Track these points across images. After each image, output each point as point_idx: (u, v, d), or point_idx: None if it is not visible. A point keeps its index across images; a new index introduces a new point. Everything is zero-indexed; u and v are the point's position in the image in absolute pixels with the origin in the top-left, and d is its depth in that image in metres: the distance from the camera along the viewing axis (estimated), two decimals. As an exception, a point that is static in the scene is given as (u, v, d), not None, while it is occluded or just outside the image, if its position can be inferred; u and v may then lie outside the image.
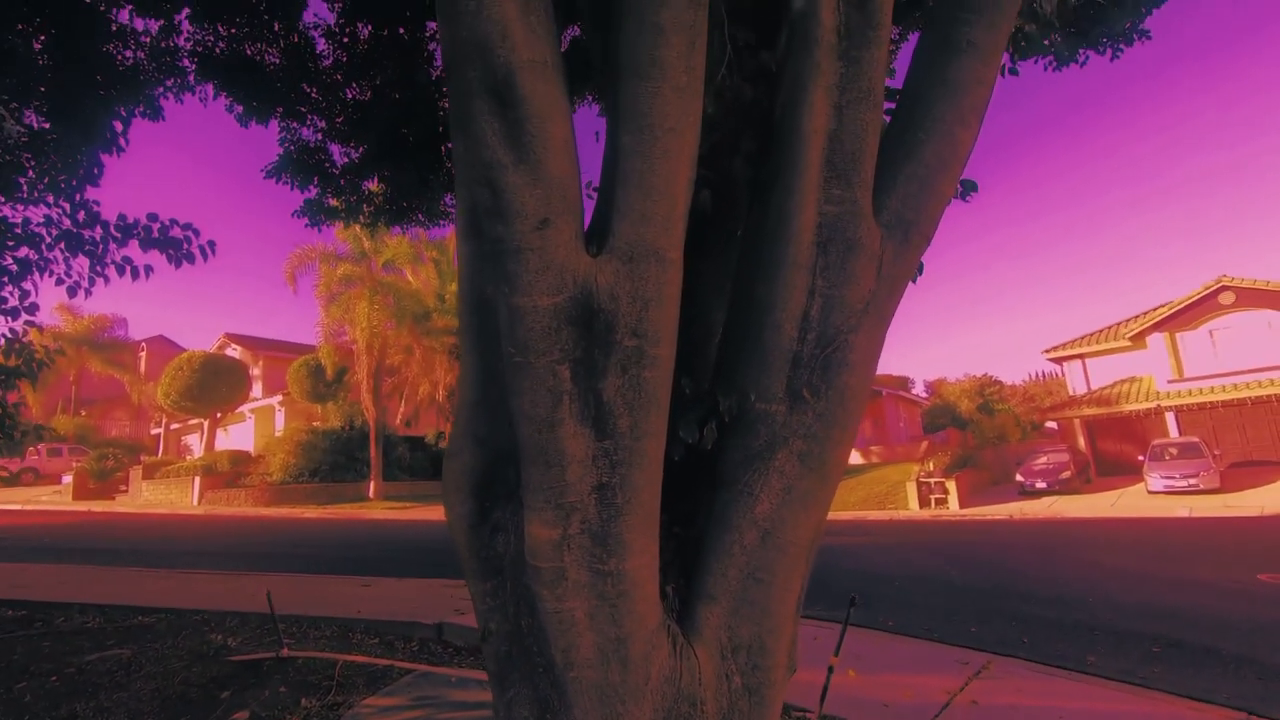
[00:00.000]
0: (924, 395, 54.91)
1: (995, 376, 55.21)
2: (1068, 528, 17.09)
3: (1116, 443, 30.21)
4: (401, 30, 8.26)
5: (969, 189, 2.50)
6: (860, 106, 1.98)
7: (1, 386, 5.60)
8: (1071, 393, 33.52)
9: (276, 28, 8.00)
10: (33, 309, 6.18)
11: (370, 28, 8.22)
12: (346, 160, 9.01)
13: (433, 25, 8.30)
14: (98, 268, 6.10)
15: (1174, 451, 23.66)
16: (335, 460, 29.43)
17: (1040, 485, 24.19)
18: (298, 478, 28.48)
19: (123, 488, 31.88)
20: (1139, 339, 30.68)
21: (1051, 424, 35.67)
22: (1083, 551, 12.81)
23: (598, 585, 1.77)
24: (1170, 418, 28.53)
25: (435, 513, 23.43)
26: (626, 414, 1.72)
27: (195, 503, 28.01)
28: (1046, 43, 2.72)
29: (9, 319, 6.10)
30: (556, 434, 1.71)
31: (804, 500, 1.99)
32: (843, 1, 1.97)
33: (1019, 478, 25.14)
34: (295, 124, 8.73)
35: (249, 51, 7.93)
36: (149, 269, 5.91)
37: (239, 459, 30.51)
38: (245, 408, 36.77)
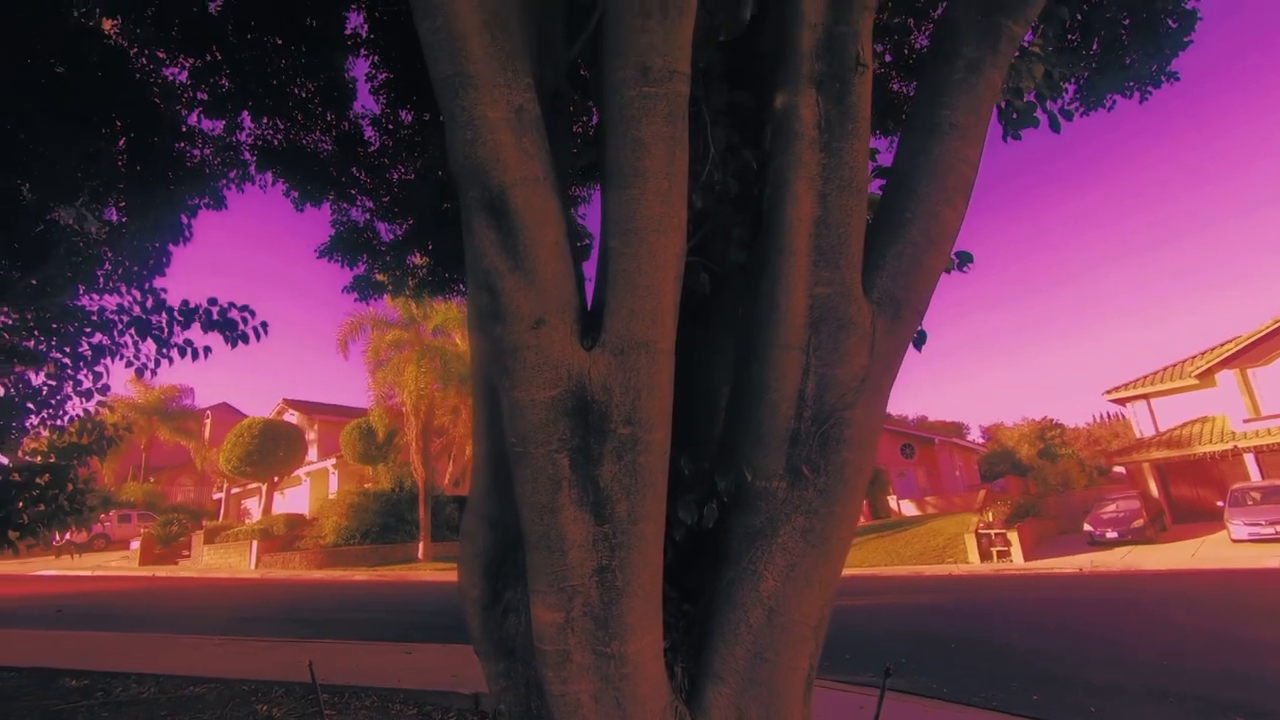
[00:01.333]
0: (980, 441, 53.00)
1: (1055, 419, 52.98)
2: (1144, 581, 16.03)
3: (1191, 487, 28.45)
4: (441, 114, 8.78)
5: (965, 260, 2.54)
6: (843, 194, 2.08)
7: (76, 463, 5.99)
8: (1138, 435, 31.88)
9: (329, 118, 8.62)
10: (104, 390, 6.63)
11: (412, 114, 8.76)
12: (392, 237, 9.51)
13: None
14: (163, 350, 6.54)
15: (1257, 496, 22.13)
16: (385, 521, 29.91)
17: (1111, 535, 22.84)
18: (349, 539, 28.99)
19: (185, 552, 32.92)
20: (1207, 376, 29.18)
21: (1119, 469, 33.86)
22: (1160, 608, 11.99)
23: (601, 668, 1.81)
24: (1250, 459, 26.81)
25: (482, 574, 23.38)
26: (624, 499, 1.79)
27: (253, 566, 28.69)
28: (1040, 114, 2.78)
29: (83, 400, 6.54)
30: (557, 519, 1.79)
31: (808, 578, 2.01)
32: (821, 98, 2.10)
33: (1087, 527, 23.80)
34: (345, 205, 9.28)
35: (304, 141, 8.54)
36: (208, 350, 6.32)
37: (294, 521, 31.29)
38: (301, 471, 37.89)
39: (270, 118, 8.36)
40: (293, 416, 41.71)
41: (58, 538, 6.00)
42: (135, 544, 33.45)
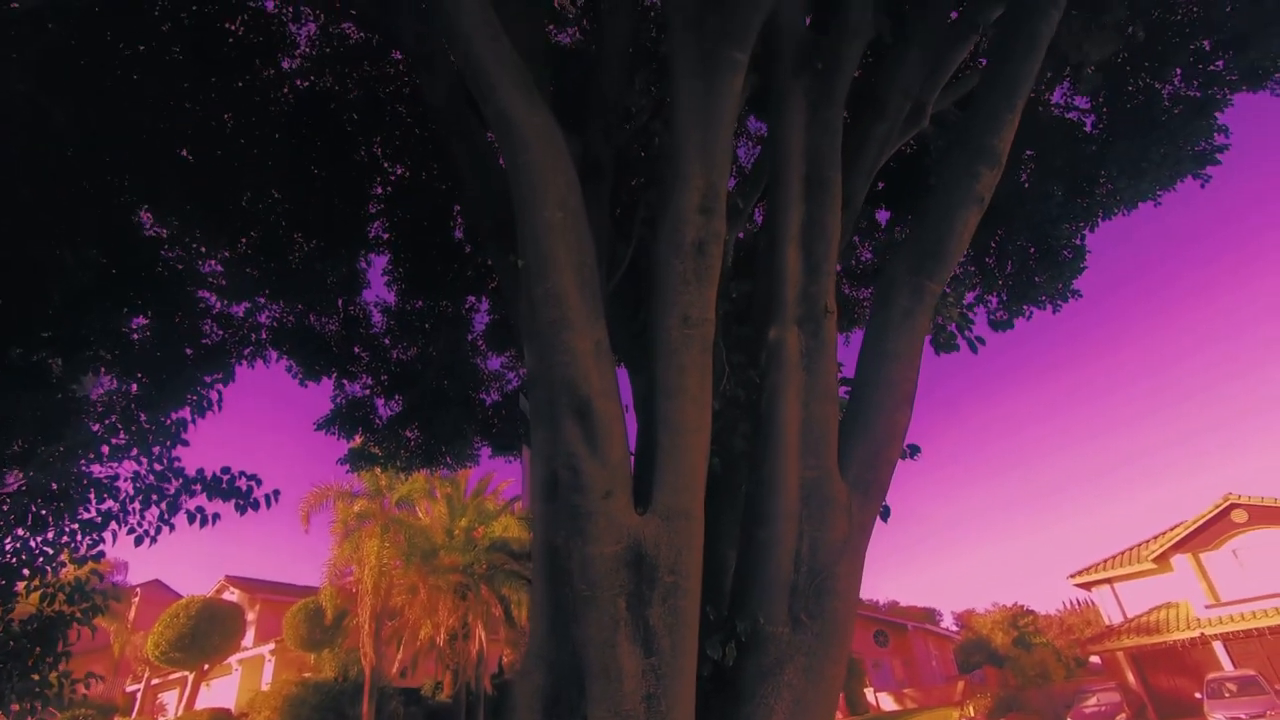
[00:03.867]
0: (954, 629, 51.48)
1: (1026, 606, 52.22)
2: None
3: (1168, 677, 27.85)
4: (447, 304, 9.80)
5: (914, 452, 3.28)
6: (822, 402, 2.84)
7: (65, 634, 5.93)
8: (1108, 621, 31.66)
9: (340, 303, 9.51)
10: (99, 558, 6.72)
11: (421, 303, 9.72)
12: (390, 412, 10.07)
13: (471, 298, 9.90)
14: (167, 517, 6.76)
15: (1233, 688, 21.87)
16: (324, 718, 27.06)
17: (1098, 732, 21.97)
18: (279, 741, 25.98)
19: (84, 759, 28.86)
20: (1163, 561, 29.83)
21: (1095, 658, 33.13)
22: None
23: (649, 786, 2.19)
24: (1219, 647, 26.71)
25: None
26: (668, 635, 2.29)
27: (162, 774, 25.25)
28: (961, 341, 3.68)
29: (77, 567, 6.61)
30: (616, 653, 2.26)
31: (811, 709, 2.46)
32: (802, 333, 2.93)
33: (1072, 724, 22.88)
34: (346, 381, 9.93)
35: (312, 320, 9.33)
36: (216, 516, 6.57)
37: (219, 719, 28.06)
38: (234, 658, 34.59)
39: (287, 301, 9.19)
40: (233, 595, 38.89)
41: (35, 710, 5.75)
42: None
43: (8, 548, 6.52)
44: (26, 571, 6.33)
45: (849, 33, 3.21)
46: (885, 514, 3.12)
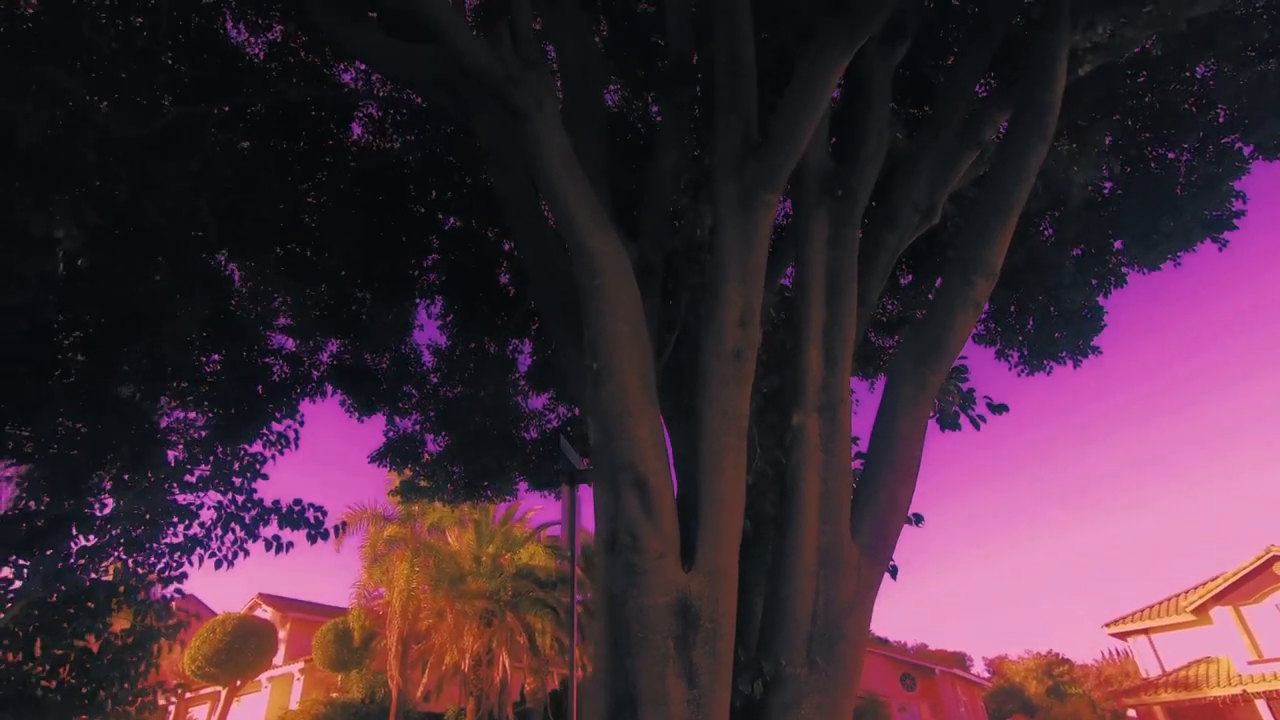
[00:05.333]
0: (985, 675, 50.13)
1: (1061, 654, 50.73)
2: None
3: (1208, 735, 26.95)
4: (492, 346, 10.51)
5: (918, 520, 3.79)
6: (838, 478, 3.40)
7: (155, 648, 6.62)
8: (1144, 674, 30.77)
9: (393, 344, 10.23)
10: (182, 578, 7.44)
11: (471, 345, 10.42)
12: (437, 447, 10.75)
13: (515, 341, 10.59)
14: (244, 541, 7.47)
15: (1274, 748, 21.20)
16: (350, 739, 27.51)
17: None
18: (308, 761, 26.44)
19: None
20: (1202, 613, 29.03)
21: (1131, 711, 32.15)
22: None
23: (690, 795, 2.73)
24: (1262, 705, 25.84)
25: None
26: (707, 672, 2.84)
27: (194, 788, 25.84)
28: (964, 419, 4.19)
29: (163, 586, 7.34)
30: (665, 684, 2.82)
31: (825, 739, 2.97)
32: (821, 419, 3.50)
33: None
34: (398, 418, 10.64)
35: (367, 359, 10.06)
36: (290, 545, 7.27)
37: (248, 737, 28.68)
38: (264, 676, 35.35)
39: (345, 342, 9.96)
40: (265, 612, 39.82)
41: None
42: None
43: (106, 568, 7.28)
44: (123, 589, 7.08)
45: (866, 164, 3.82)
46: (894, 572, 3.64)
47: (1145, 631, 31.43)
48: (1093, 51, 4.33)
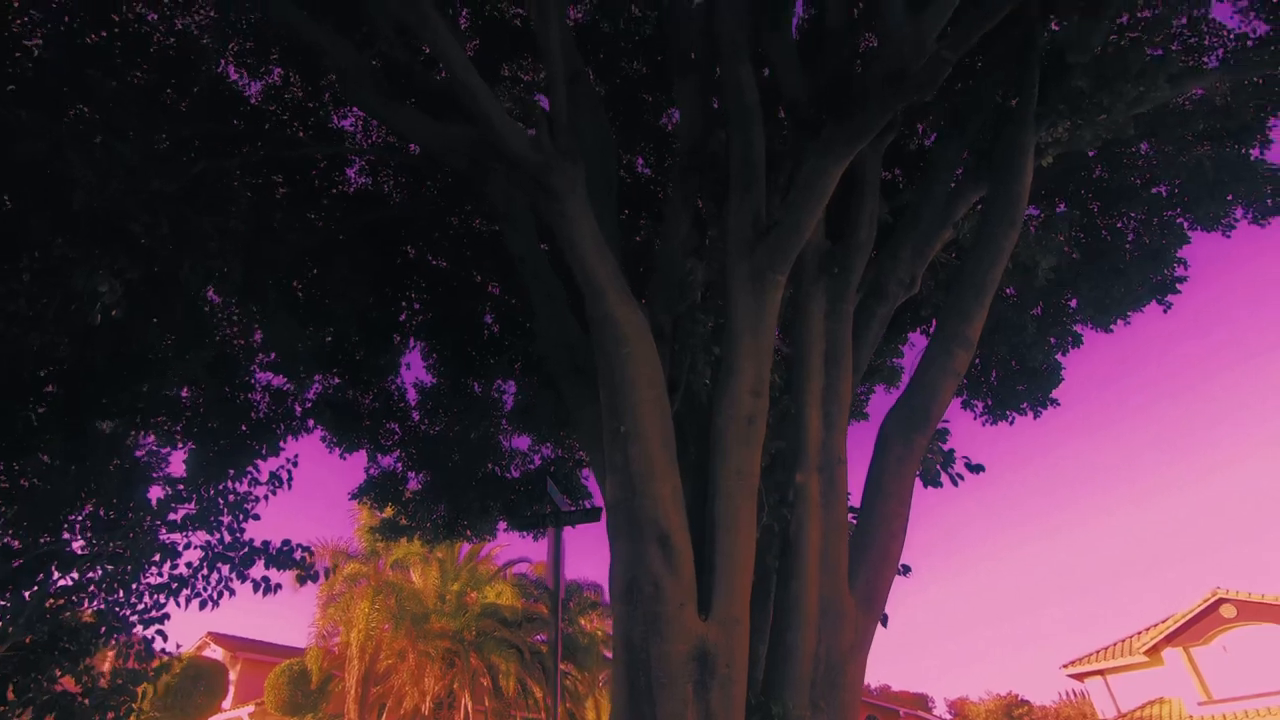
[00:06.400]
0: (947, 717, 50.33)
1: (1021, 695, 51.27)
2: None
3: (1162, 777, 27.48)
4: (477, 385, 10.67)
5: (906, 570, 4.12)
6: (836, 533, 3.72)
7: (138, 691, 6.51)
8: (1101, 715, 31.38)
9: (378, 382, 10.29)
10: (164, 620, 7.36)
11: (455, 384, 10.56)
12: (419, 486, 10.77)
13: (500, 381, 10.77)
14: (229, 581, 7.43)
15: (1225, 790, 21.78)
16: (302, 788, 26.36)
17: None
18: (255, 811, 25.20)
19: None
20: (1154, 654, 29.85)
21: (1089, 754, 32.65)
22: None
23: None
24: (1211, 747, 26.53)
25: None
26: (723, 714, 3.09)
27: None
28: (945, 476, 4.57)
29: (143, 628, 7.25)
30: (684, 727, 3.05)
31: (827, 777, 3.23)
32: (821, 479, 3.83)
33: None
34: (380, 455, 10.67)
35: (351, 396, 10.11)
36: (278, 586, 7.26)
37: (191, 786, 27.26)
38: (212, 720, 33.72)
39: (330, 379, 10.01)
40: (215, 652, 38.15)
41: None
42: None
43: (86, 608, 7.17)
44: (104, 630, 6.97)
45: (859, 247, 4.25)
46: (884, 621, 3.95)
47: (1101, 672, 32.13)
48: (1054, 145, 4.88)
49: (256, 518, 7.86)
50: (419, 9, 3.20)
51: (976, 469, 4.53)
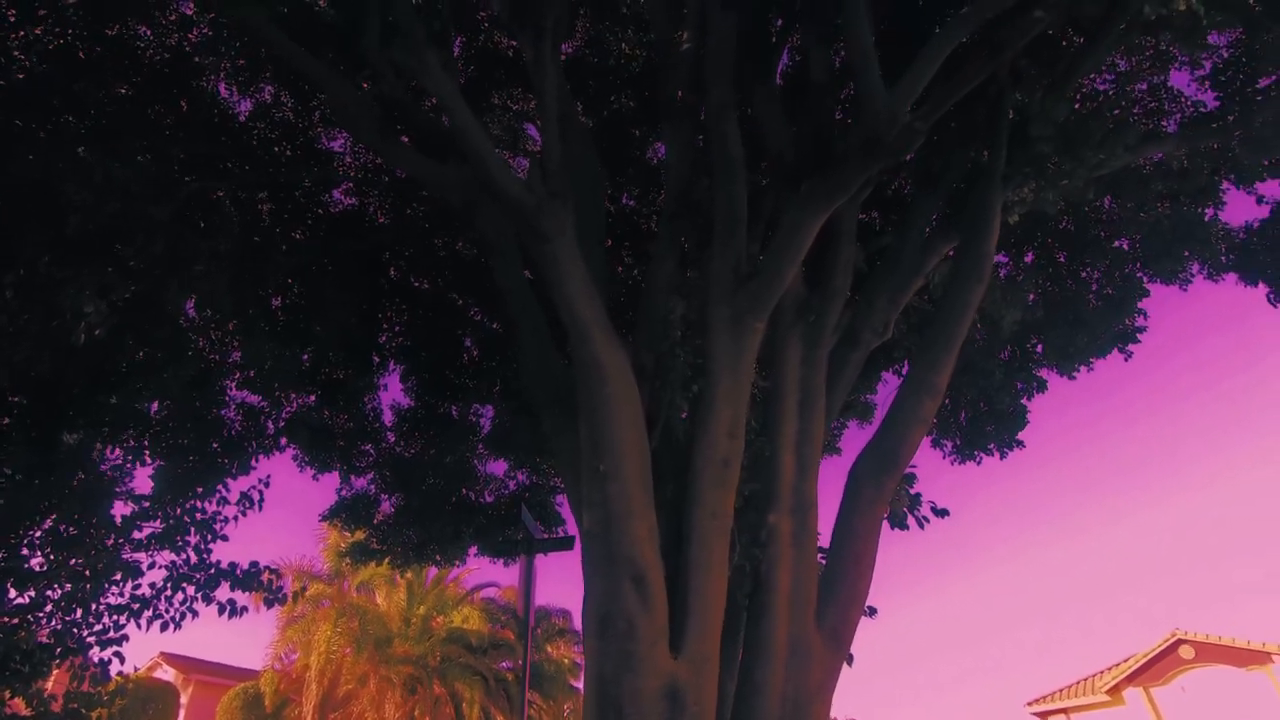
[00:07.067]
0: (913, 753, 50.13)
1: (986, 733, 51.30)
2: None
3: (1124, 819, 27.62)
4: (454, 408, 10.64)
5: (873, 612, 4.24)
6: (806, 573, 3.83)
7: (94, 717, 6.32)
8: (1063, 755, 31.56)
9: (354, 403, 10.21)
10: (122, 641, 7.18)
11: (432, 407, 10.52)
12: (392, 509, 10.65)
13: (476, 405, 10.76)
14: (193, 601, 7.28)
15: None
16: (252, 819, 25.35)
17: None
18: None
19: None
20: (1115, 693, 30.18)
21: (1052, 794, 32.72)
22: None
23: None
24: (1170, 788, 26.79)
25: None
26: (692, 751, 3.15)
27: None
28: (911, 519, 4.72)
29: (100, 649, 7.07)
30: (655, 762, 3.11)
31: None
32: (792, 520, 3.95)
33: None
34: (354, 476, 10.55)
35: (326, 416, 10.01)
36: (244, 609, 7.13)
37: (135, 814, 26.11)
38: (157, 746, 32.40)
39: (306, 399, 9.91)
40: (166, 673, 36.81)
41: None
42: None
43: (43, 627, 6.97)
44: (59, 650, 6.78)
45: (834, 296, 4.43)
46: (850, 660, 4.05)
47: (1065, 711, 32.35)
48: (1020, 204, 5.14)
49: (225, 538, 7.73)
50: (420, 56, 3.33)
51: (941, 513, 4.69)
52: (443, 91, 3.38)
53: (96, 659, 7.12)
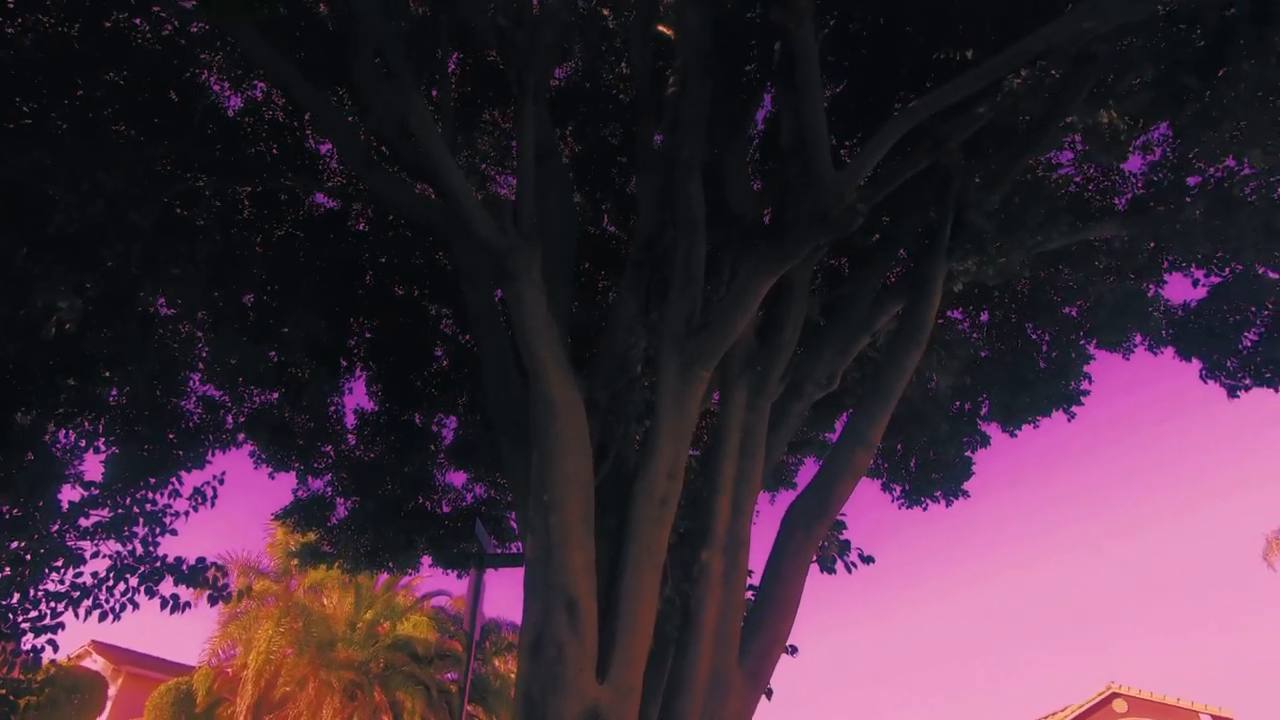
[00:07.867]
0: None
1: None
2: None
3: None
4: (418, 416, 10.71)
5: (794, 651, 4.49)
6: (733, 611, 4.07)
7: (24, 705, 6.25)
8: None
9: (318, 405, 10.22)
10: (57, 629, 7.12)
11: (396, 413, 10.56)
12: (346, 513, 10.64)
13: (440, 415, 10.83)
14: (135, 595, 7.24)
15: None
16: (173, 821, 24.50)
17: None
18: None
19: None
20: (1049, 745, 30.79)
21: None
22: None
23: None
24: (1098, 839, 27.30)
25: None
26: (611, 778, 3.35)
27: None
28: (840, 564, 4.99)
29: (34, 636, 7.00)
30: (572, 785, 3.30)
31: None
32: (724, 559, 4.19)
33: None
34: (311, 477, 10.53)
35: (286, 413, 10.00)
36: (188, 605, 7.12)
37: (49, 808, 25.03)
38: (80, 738, 31.18)
39: (268, 396, 9.90)
40: (95, 662, 35.53)
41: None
42: None
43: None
44: (-9, 635, 6.70)
45: (783, 349, 4.72)
46: (769, 694, 4.28)
47: (1002, 757, 32.76)
48: (963, 274, 5.51)
49: (174, 533, 7.71)
50: (409, 100, 3.56)
51: (868, 560, 4.97)
52: (426, 136, 3.61)
53: (29, 646, 7.05)
